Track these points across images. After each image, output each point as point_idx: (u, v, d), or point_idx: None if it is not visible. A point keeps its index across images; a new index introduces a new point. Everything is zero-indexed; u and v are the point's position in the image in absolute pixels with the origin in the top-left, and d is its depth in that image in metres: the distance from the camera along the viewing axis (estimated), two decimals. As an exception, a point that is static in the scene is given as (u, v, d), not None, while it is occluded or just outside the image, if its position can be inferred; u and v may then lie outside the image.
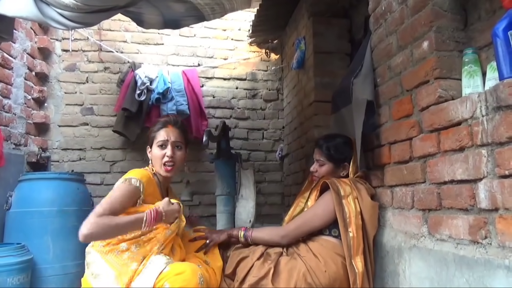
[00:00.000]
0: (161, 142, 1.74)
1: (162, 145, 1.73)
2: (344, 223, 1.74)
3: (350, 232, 1.72)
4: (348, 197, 1.78)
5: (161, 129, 1.76)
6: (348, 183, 1.84)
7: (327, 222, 1.80)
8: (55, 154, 3.52)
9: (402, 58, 1.72)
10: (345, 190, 1.80)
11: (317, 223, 1.81)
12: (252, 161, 3.96)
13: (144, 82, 3.49)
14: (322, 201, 1.84)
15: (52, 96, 3.58)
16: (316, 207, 1.85)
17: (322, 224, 1.81)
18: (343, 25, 3.07)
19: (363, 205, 1.79)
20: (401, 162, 1.73)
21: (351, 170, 1.95)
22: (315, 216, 1.82)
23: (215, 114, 3.93)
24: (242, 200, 2.65)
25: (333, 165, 1.98)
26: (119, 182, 1.61)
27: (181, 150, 1.78)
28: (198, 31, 3.97)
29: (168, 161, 1.72)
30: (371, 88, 1.91)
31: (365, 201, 1.80)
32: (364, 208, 1.78)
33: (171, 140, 1.75)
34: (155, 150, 1.75)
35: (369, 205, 1.80)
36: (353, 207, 1.76)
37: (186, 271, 1.45)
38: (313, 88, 3.01)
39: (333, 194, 1.78)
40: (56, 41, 3.66)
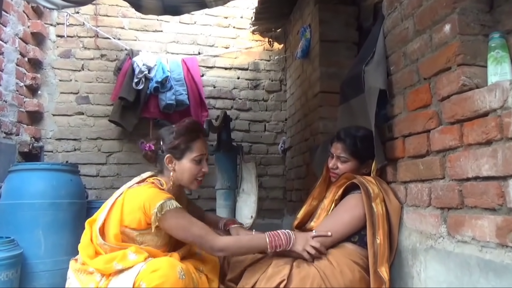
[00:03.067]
0: (199, 157, 1.57)
1: (200, 160, 1.57)
2: (373, 229, 1.58)
3: (378, 239, 1.57)
4: (377, 199, 1.62)
5: (196, 141, 1.58)
6: (374, 183, 1.68)
7: (355, 230, 1.63)
8: (49, 144, 3.39)
9: (420, 44, 1.59)
10: (374, 191, 1.64)
11: (345, 232, 1.62)
12: (253, 154, 3.83)
13: (142, 70, 3.35)
14: (349, 206, 1.66)
15: (46, 84, 3.44)
16: (343, 214, 1.65)
17: (350, 232, 1.63)
18: (351, 13, 2.94)
19: (390, 207, 1.64)
20: (417, 156, 1.60)
21: (374, 168, 1.78)
22: (342, 225, 1.62)
23: (215, 104, 3.80)
24: (243, 195, 2.53)
25: (357, 162, 1.79)
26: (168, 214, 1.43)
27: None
28: (198, 18, 3.82)
29: (201, 176, 1.60)
30: (384, 77, 1.78)
31: (393, 203, 1.65)
32: (392, 211, 1.63)
33: (207, 154, 1.61)
34: (189, 164, 1.56)
35: (397, 208, 1.65)
36: (381, 210, 1.61)
37: (162, 267, 1.36)
38: (318, 78, 2.88)
39: (364, 196, 1.60)
40: (50, 26, 3.52)
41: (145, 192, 1.48)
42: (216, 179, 2.60)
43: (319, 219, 1.80)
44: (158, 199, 1.44)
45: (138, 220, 1.45)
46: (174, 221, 1.45)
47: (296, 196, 3.49)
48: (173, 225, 1.45)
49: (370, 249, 1.55)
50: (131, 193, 1.50)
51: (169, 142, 1.56)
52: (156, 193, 1.47)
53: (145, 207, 1.43)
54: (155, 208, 1.42)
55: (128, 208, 1.46)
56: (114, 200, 1.50)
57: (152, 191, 1.49)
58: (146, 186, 1.53)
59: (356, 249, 1.64)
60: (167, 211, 1.43)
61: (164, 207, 1.43)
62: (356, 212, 1.62)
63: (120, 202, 1.48)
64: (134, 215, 1.45)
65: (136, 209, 1.44)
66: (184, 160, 1.56)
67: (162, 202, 1.43)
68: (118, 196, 1.51)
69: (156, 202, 1.43)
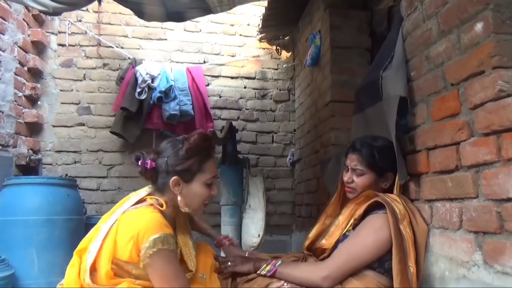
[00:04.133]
0: (211, 180, 1.35)
1: (212, 183, 1.36)
2: (403, 255, 1.37)
3: (411, 267, 1.36)
4: (404, 220, 1.43)
5: (208, 161, 1.34)
6: (399, 201, 1.49)
7: (379, 256, 1.42)
8: (48, 157, 3.26)
9: (446, 46, 1.42)
10: (401, 211, 1.44)
11: (368, 258, 1.41)
12: (260, 167, 3.66)
13: (145, 79, 3.22)
14: (373, 227, 1.44)
15: (46, 94, 3.33)
16: (366, 236, 1.44)
17: (374, 258, 1.42)
18: (363, 17, 2.78)
19: (418, 230, 1.44)
20: (444, 172, 1.42)
21: (397, 184, 1.58)
22: (365, 248, 1.41)
23: (221, 115, 3.65)
24: (249, 211, 2.36)
25: (375, 175, 1.59)
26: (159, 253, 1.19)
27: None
28: (204, 26, 3.70)
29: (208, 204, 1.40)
30: (404, 83, 1.61)
31: (420, 226, 1.46)
32: (419, 234, 1.44)
33: (217, 175, 1.42)
34: (199, 188, 1.33)
35: (424, 231, 1.46)
36: (410, 233, 1.42)
37: None
38: (329, 86, 2.71)
39: (390, 217, 1.40)
40: (51, 35, 3.42)
41: (143, 219, 1.23)
42: (221, 194, 2.44)
43: (331, 237, 1.62)
44: (154, 231, 1.20)
45: (129, 252, 1.20)
46: (160, 265, 1.20)
47: (305, 212, 3.30)
48: (157, 269, 1.20)
49: (398, 278, 1.33)
50: (126, 218, 1.26)
51: (177, 163, 1.31)
52: (155, 223, 1.22)
53: (139, 236, 1.19)
54: (148, 242, 1.18)
55: (121, 237, 1.22)
56: (108, 228, 1.26)
57: (150, 219, 1.23)
58: (145, 209, 1.28)
59: (375, 276, 1.44)
60: (159, 250, 1.19)
61: (157, 243, 1.19)
62: (382, 235, 1.41)
63: (114, 230, 1.23)
64: (126, 246, 1.20)
65: (129, 238, 1.20)
66: (194, 184, 1.32)
67: (157, 237, 1.19)
68: (114, 223, 1.27)
69: (151, 235, 1.19)
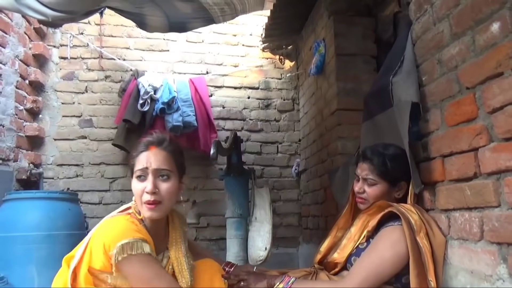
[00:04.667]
0: (139, 172, 1.27)
1: (141, 175, 1.27)
2: (422, 269, 1.30)
3: (431, 282, 1.29)
4: (420, 232, 1.36)
5: (142, 153, 1.29)
6: (415, 212, 1.42)
7: (398, 270, 1.34)
8: (50, 171, 3.21)
9: (459, 48, 1.36)
10: (416, 222, 1.37)
11: (387, 273, 1.33)
12: (265, 178, 3.59)
13: (147, 91, 3.18)
14: (389, 241, 1.36)
15: (47, 107, 3.29)
16: (383, 250, 1.36)
17: (393, 273, 1.34)
18: (368, 24, 2.74)
19: (435, 242, 1.37)
20: (461, 180, 1.35)
21: (411, 194, 1.52)
22: (384, 264, 1.33)
23: (225, 126, 3.60)
24: (256, 223, 2.28)
25: (388, 184, 1.52)
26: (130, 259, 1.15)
27: (169, 180, 1.29)
28: (206, 37, 3.68)
29: (148, 201, 1.25)
30: (416, 88, 1.56)
31: (437, 238, 1.38)
32: (437, 246, 1.37)
33: (152, 167, 1.26)
34: (134, 183, 1.28)
35: (442, 242, 1.38)
36: (428, 245, 1.34)
37: None
38: (335, 94, 2.66)
39: (406, 229, 1.33)
40: (53, 48, 3.39)
41: (110, 227, 1.21)
42: (227, 206, 2.37)
43: (343, 251, 1.54)
44: (121, 237, 1.15)
45: (101, 261, 1.17)
46: (136, 269, 1.16)
47: (313, 223, 3.22)
48: (133, 274, 1.16)
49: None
50: (101, 225, 1.24)
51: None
52: (123, 229, 1.18)
53: (105, 246, 1.15)
54: (115, 249, 1.14)
55: (94, 245, 1.19)
56: (92, 234, 1.23)
57: (119, 226, 1.20)
58: (120, 217, 1.25)
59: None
60: (130, 255, 1.14)
61: (125, 249, 1.14)
62: (399, 248, 1.33)
63: (92, 238, 1.22)
64: (98, 254, 1.17)
65: (99, 246, 1.17)
66: (132, 180, 1.30)
67: (124, 243, 1.14)
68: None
69: (117, 242, 1.14)
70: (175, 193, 1.31)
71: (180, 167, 1.36)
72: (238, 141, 2.34)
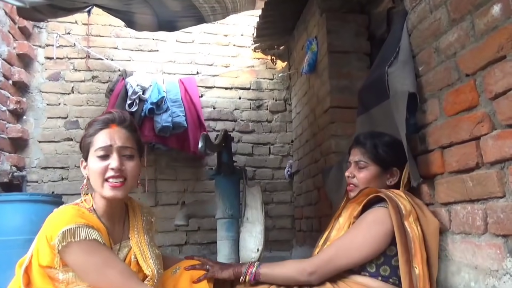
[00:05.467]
0: (102, 150, 1.17)
1: (104, 155, 1.18)
2: (407, 255, 1.24)
3: (416, 269, 1.23)
4: (410, 217, 1.30)
5: (101, 131, 1.20)
6: (404, 197, 1.37)
7: (372, 255, 1.29)
8: (34, 174, 3.09)
9: (458, 35, 1.31)
10: (406, 206, 1.32)
11: (356, 256, 1.29)
12: (257, 180, 3.51)
13: (135, 91, 3.09)
14: (364, 222, 1.33)
15: (32, 108, 3.18)
16: (356, 231, 1.33)
17: (364, 257, 1.29)
18: (361, 21, 2.70)
19: (427, 227, 1.32)
20: (463, 171, 1.29)
21: (403, 182, 1.47)
22: (352, 244, 1.30)
23: (215, 127, 3.52)
24: (247, 224, 2.19)
25: (379, 168, 1.47)
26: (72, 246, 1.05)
27: (133, 159, 1.23)
28: (197, 37, 3.61)
29: (114, 176, 1.17)
30: (413, 78, 1.50)
31: (430, 222, 1.34)
32: (429, 232, 1.32)
33: (117, 145, 1.19)
34: (93, 163, 1.18)
35: (435, 227, 1.34)
36: (417, 231, 1.29)
37: None
38: (328, 92, 2.61)
39: (392, 212, 1.28)
40: (39, 48, 3.30)
41: (53, 218, 1.11)
42: (217, 207, 2.28)
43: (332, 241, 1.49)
44: (61, 224, 1.06)
45: (48, 255, 1.07)
46: (81, 257, 1.06)
47: (306, 225, 3.14)
48: (79, 262, 1.06)
49: (406, 280, 1.22)
50: (46, 220, 1.14)
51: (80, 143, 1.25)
52: (65, 217, 1.09)
53: (47, 237, 1.06)
54: (56, 237, 1.04)
55: (39, 241, 1.10)
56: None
57: (61, 215, 1.11)
58: (62, 208, 1.16)
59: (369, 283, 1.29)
60: (71, 242, 1.04)
61: (66, 236, 1.04)
62: (376, 229, 1.29)
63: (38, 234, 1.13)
64: (44, 250, 1.07)
65: (43, 240, 1.07)
66: (90, 159, 1.19)
67: (65, 229, 1.04)
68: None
69: (58, 230, 1.04)
70: (138, 173, 1.25)
71: (141, 147, 1.30)
72: (228, 139, 2.26)
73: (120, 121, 1.24)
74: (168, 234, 3.21)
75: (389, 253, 1.31)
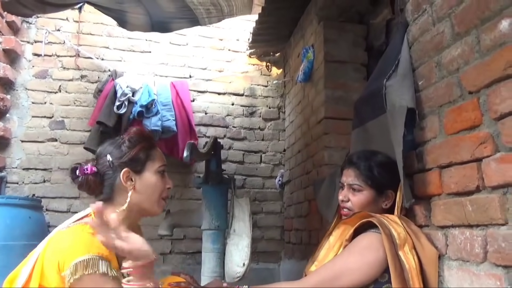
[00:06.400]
0: (162, 168, 1.23)
1: (164, 171, 1.23)
2: (404, 285, 1.18)
3: None
4: (405, 245, 1.24)
5: (155, 149, 1.25)
6: (399, 223, 1.31)
7: (364, 281, 1.23)
8: (14, 175, 2.97)
9: (462, 49, 1.25)
10: (400, 234, 1.26)
11: (348, 281, 1.23)
12: (247, 188, 3.42)
13: (125, 92, 2.99)
14: (357, 247, 1.28)
15: (16, 106, 3.07)
16: (349, 255, 1.28)
17: (356, 282, 1.23)
18: (359, 31, 2.64)
19: (424, 256, 1.26)
20: (462, 194, 1.22)
21: (398, 206, 1.40)
22: (345, 266, 1.25)
23: (206, 132, 3.43)
24: (234, 236, 2.11)
25: (374, 192, 1.41)
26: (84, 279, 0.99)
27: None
28: (191, 40, 3.53)
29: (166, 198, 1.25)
30: (412, 93, 1.44)
31: (426, 251, 1.27)
32: (427, 261, 1.25)
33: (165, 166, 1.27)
34: (153, 177, 1.20)
35: (433, 255, 1.27)
36: (413, 261, 1.22)
37: None
38: (323, 102, 2.53)
39: (386, 241, 1.22)
40: (27, 44, 3.19)
41: (67, 241, 1.04)
42: (203, 217, 2.19)
43: (321, 262, 1.43)
44: (75, 254, 0.99)
45: (55, 282, 1.00)
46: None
47: (295, 237, 3.06)
48: None
49: None
50: (54, 239, 1.07)
51: (122, 154, 1.17)
52: (80, 244, 1.02)
53: (59, 263, 0.99)
54: (69, 268, 0.98)
55: (46, 263, 1.02)
56: (42, 249, 1.06)
57: (77, 239, 1.03)
58: (77, 227, 1.07)
59: None
60: (84, 276, 0.98)
61: (79, 268, 0.98)
62: (370, 256, 1.23)
63: (42, 253, 1.04)
64: (51, 274, 1.01)
65: (52, 265, 1.01)
66: (147, 173, 1.19)
67: (80, 260, 0.98)
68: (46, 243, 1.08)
69: (72, 259, 0.98)
70: None
71: None
72: (218, 146, 2.17)
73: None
74: (153, 242, 3.06)
75: (381, 279, 1.25)
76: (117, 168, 1.15)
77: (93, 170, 1.15)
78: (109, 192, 1.17)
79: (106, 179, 1.16)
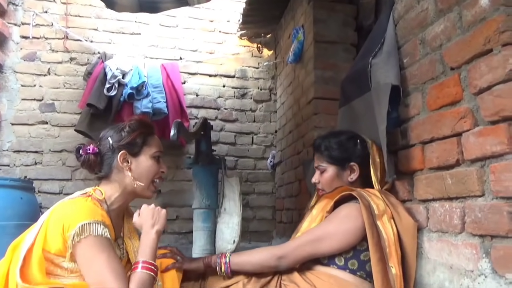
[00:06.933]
0: (158, 153, 1.32)
1: (159, 157, 1.33)
2: (380, 254, 1.23)
3: (393, 268, 1.23)
4: (383, 216, 1.30)
5: (152, 136, 1.34)
6: (379, 196, 1.36)
7: (342, 247, 1.30)
8: (5, 157, 2.97)
9: (444, 26, 1.26)
10: (379, 206, 1.32)
11: (326, 246, 1.30)
12: (239, 169, 3.45)
13: (115, 75, 2.98)
14: (338, 216, 1.34)
15: (5, 89, 3.05)
16: (328, 223, 1.34)
17: (334, 248, 1.30)
18: (349, 11, 2.63)
19: (402, 226, 1.31)
20: (442, 168, 1.25)
21: (376, 180, 1.45)
22: (324, 235, 1.31)
23: (198, 114, 3.43)
24: (224, 215, 2.14)
25: (336, 167, 1.49)
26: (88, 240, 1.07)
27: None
28: (181, 21, 3.50)
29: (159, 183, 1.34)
30: (397, 71, 1.46)
31: (404, 221, 1.33)
32: (404, 231, 1.31)
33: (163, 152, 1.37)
34: (148, 161, 1.29)
35: (411, 226, 1.33)
36: (391, 230, 1.28)
37: None
38: (312, 83, 2.54)
39: (364, 211, 1.27)
40: (14, 26, 3.15)
41: (73, 206, 1.14)
42: (194, 197, 2.22)
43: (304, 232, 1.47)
44: (80, 218, 1.09)
45: (57, 243, 1.09)
46: (91, 252, 1.07)
47: (287, 217, 3.11)
48: (87, 256, 1.08)
49: (378, 280, 1.21)
50: (58, 207, 1.15)
51: (121, 137, 1.27)
52: (82, 210, 1.12)
53: (64, 225, 1.08)
54: (74, 229, 1.06)
55: (50, 228, 1.10)
56: (44, 219, 1.14)
57: (82, 205, 1.14)
58: (80, 198, 1.18)
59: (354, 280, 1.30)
60: (89, 236, 1.07)
61: (86, 229, 1.07)
62: (348, 224, 1.30)
63: (46, 222, 1.12)
64: (55, 237, 1.09)
65: (57, 228, 1.09)
66: (142, 157, 1.29)
67: (85, 223, 1.08)
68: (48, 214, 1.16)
69: (78, 221, 1.07)
70: None
71: None
72: (207, 127, 2.19)
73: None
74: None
75: (359, 247, 1.31)
76: (115, 150, 1.26)
77: (95, 150, 1.25)
78: (108, 171, 1.26)
79: (106, 159, 1.26)
